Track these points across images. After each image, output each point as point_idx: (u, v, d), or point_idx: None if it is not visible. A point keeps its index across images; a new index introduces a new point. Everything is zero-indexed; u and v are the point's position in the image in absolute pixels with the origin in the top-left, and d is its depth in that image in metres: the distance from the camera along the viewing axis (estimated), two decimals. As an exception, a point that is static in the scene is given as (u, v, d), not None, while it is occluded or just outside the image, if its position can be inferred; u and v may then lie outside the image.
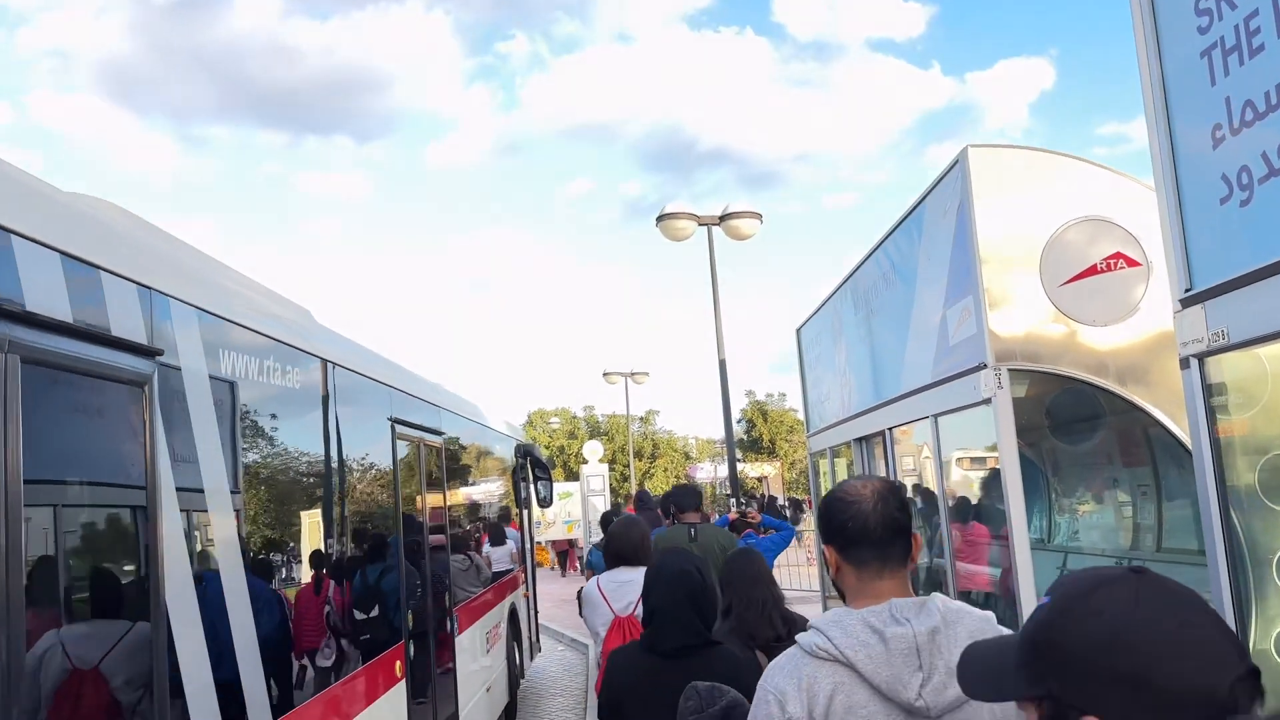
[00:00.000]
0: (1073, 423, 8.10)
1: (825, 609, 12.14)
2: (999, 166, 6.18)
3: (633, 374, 27.74)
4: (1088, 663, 1.07)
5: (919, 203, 7.18)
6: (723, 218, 12.65)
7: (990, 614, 2.04)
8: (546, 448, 47.94)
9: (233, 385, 3.56)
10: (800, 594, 16.13)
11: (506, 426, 10.92)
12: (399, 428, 5.77)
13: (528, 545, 11.44)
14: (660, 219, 12.51)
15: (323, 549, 4.44)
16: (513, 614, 9.85)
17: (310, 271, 77.23)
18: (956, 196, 6.28)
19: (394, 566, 5.47)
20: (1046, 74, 74.80)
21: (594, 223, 79.40)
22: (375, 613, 5.06)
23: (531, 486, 12.29)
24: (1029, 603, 5.67)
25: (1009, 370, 5.90)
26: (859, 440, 9.63)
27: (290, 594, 3.99)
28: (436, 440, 6.84)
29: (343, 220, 79.96)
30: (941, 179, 6.59)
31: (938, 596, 1.97)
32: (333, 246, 78.50)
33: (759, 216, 12.76)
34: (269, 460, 3.87)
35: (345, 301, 76.99)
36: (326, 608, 4.31)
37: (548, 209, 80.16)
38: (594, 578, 4.56)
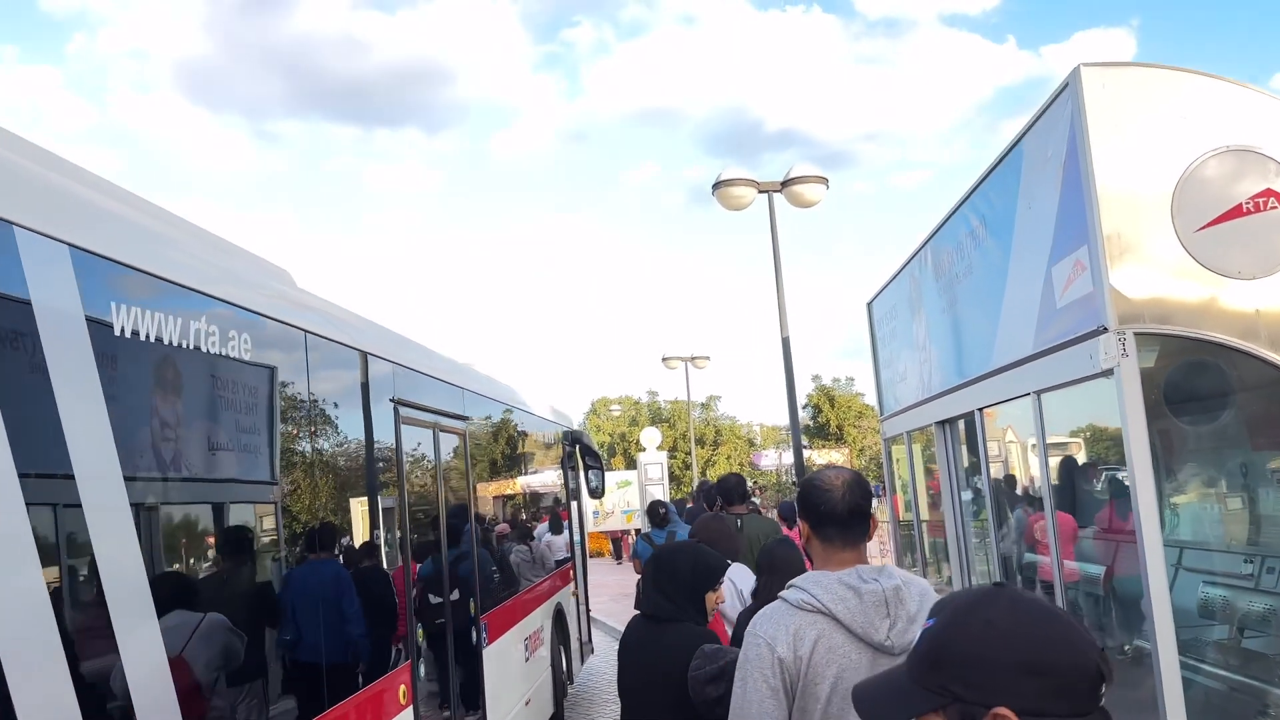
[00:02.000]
0: (1191, 399, 6.97)
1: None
2: (1118, 88, 5.12)
3: (693, 358, 26.74)
4: (988, 661, 1.27)
5: (1017, 142, 6.13)
6: (785, 183, 11.68)
7: (928, 583, 2.51)
8: (609, 435, 47.22)
9: (152, 353, 2.75)
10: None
11: (551, 412, 10.09)
12: (405, 411, 4.95)
13: (577, 539, 10.60)
14: (717, 186, 11.58)
15: (287, 559, 3.63)
16: (559, 615, 9.04)
17: (380, 264, 78.19)
18: (1065, 127, 5.24)
19: (392, 576, 4.66)
20: (1127, 45, 71.74)
21: (659, 208, 78.71)
22: (367, 632, 4.25)
23: (581, 476, 11.48)
24: (1160, 601, 4.69)
25: (1135, 334, 4.86)
26: (941, 424, 8.58)
27: (237, 618, 3.18)
28: (458, 426, 6.02)
29: (411, 212, 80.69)
30: (1046, 109, 5.55)
31: (890, 565, 2.43)
32: (402, 238, 79.30)
33: (824, 181, 11.76)
34: (200, 449, 3.06)
35: (415, 294, 77.65)
36: (293, 632, 3.50)
37: (612, 196, 79.74)
38: None
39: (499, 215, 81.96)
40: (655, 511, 8.98)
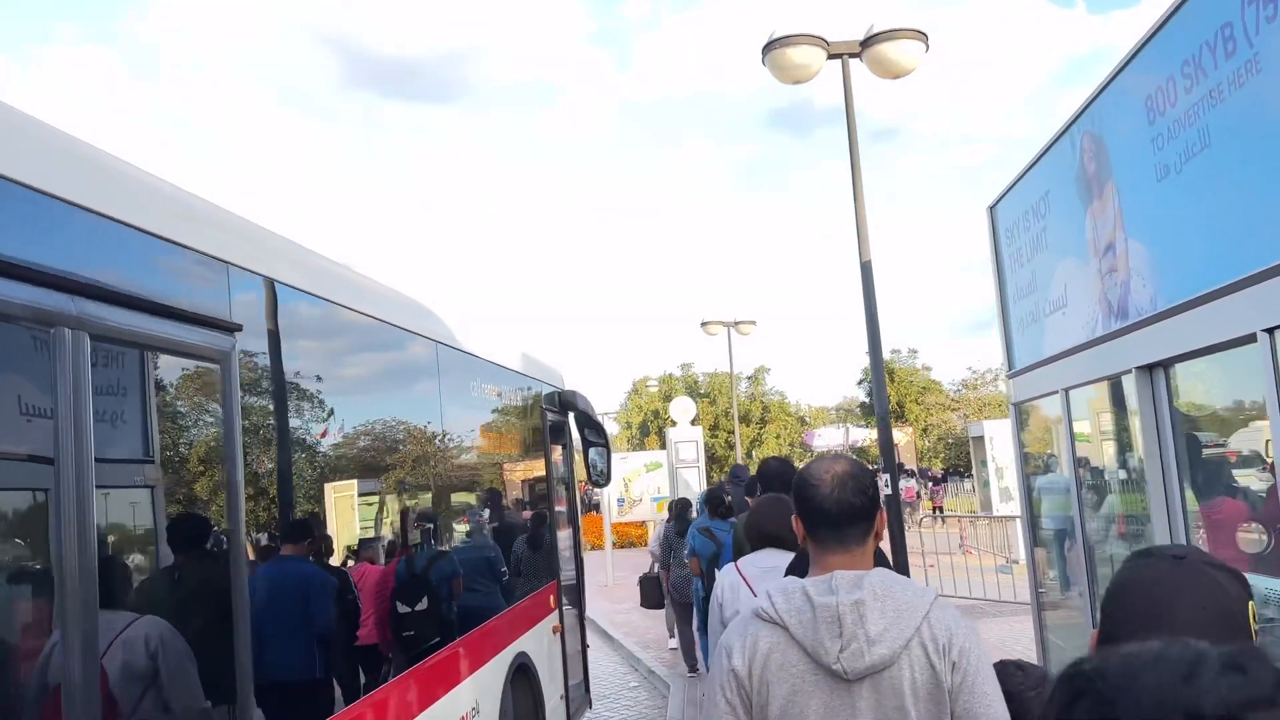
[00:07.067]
0: None
1: (1038, 620, 7.68)
2: None
3: (736, 324, 23.17)
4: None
5: None
6: (865, 43, 8.30)
7: (933, 588, 2.16)
8: (643, 413, 43.68)
9: None
10: (961, 601, 11.62)
11: (521, 360, 6.74)
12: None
13: (561, 548, 7.29)
14: (769, 47, 8.20)
15: None
16: (520, 672, 5.76)
17: (430, 242, 76.87)
18: None
19: None
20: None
21: (709, 184, 75.83)
22: None
23: (578, 456, 8.22)
24: None
25: None
26: (1147, 368, 5.11)
27: None
28: (195, 343, 2.72)
29: (460, 189, 79.27)
30: None
31: (878, 571, 2.09)
32: (451, 216, 77.95)
33: (922, 36, 8.35)
34: None
35: (463, 273, 76.47)
36: None
37: (663, 172, 77.04)
38: (731, 563, 3.90)
39: (547, 192, 79.83)
40: (718, 498, 7.33)
